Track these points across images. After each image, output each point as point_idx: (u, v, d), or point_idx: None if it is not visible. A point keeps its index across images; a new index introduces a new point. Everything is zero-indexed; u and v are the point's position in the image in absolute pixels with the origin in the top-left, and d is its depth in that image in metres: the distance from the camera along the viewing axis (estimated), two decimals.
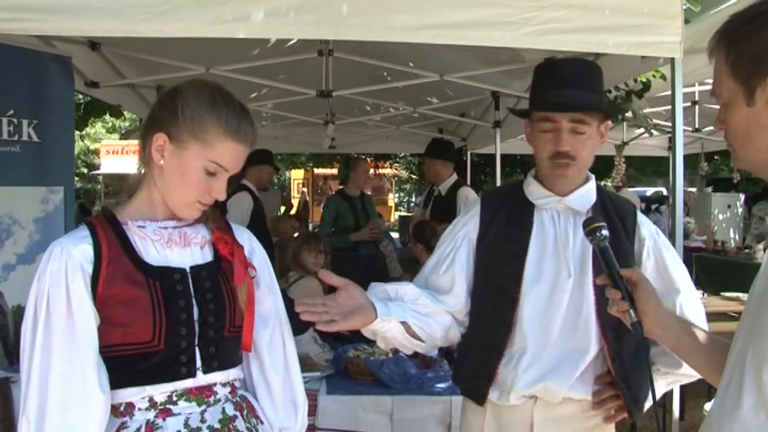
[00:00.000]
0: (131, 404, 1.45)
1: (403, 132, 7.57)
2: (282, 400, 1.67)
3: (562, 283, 1.84)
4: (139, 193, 1.55)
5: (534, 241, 1.87)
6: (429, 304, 1.86)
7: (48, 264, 1.40)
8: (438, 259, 1.95)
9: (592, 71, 1.88)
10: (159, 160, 1.49)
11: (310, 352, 3.45)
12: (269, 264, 1.72)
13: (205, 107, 1.46)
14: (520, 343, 1.83)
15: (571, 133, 1.79)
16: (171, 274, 1.48)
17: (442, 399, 2.72)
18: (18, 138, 3.13)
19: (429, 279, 1.94)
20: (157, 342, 1.42)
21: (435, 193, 5.34)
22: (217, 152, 1.46)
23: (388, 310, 1.74)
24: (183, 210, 1.52)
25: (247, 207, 5.19)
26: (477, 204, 1.99)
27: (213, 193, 1.49)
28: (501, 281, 1.87)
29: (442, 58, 4.44)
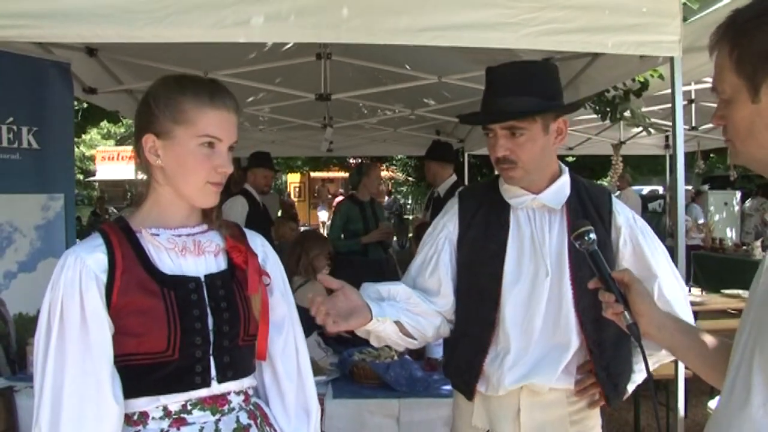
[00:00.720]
0: (145, 413, 1.44)
1: (400, 134, 7.56)
2: (295, 407, 1.66)
3: (540, 282, 1.87)
4: (147, 201, 1.54)
5: (511, 241, 1.90)
6: (420, 303, 1.90)
7: (62, 273, 1.40)
8: (423, 260, 1.99)
9: (529, 73, 1.90)
10: (156, 161, 1.49)
11: (314, 356, 3.45)
12: (282, 270, 1.71)
13: (174, 91, 1.48)
14: (503, 343, 1.87)
15: (508, 137, 1.82)
16: (185, 283, 1.47)
17: (449, 401, 2.69)
18: (18, 145, 3.12)
19: (416, 281, 1.97)
20: (171, 351, 1.41)
21: (434, 195, 5.35)
22: (202, 125, 1.46)
23: (382, 310, 1.80)
24: (199, 198, 1.51)
25: (239, 211, 5.16)
26: (455, 204, 2.01)
27: (219, 169, 1.48)
28: (482, 281, 1.90)
29: (440, 60, 4.44)
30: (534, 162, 1.85)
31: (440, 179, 5.25)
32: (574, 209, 1.90)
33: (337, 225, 5.66)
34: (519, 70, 1.92)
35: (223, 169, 1.49)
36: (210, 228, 1.59)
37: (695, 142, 8.13)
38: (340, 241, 5.47)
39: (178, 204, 1.53)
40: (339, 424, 2.68)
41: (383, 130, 7.46)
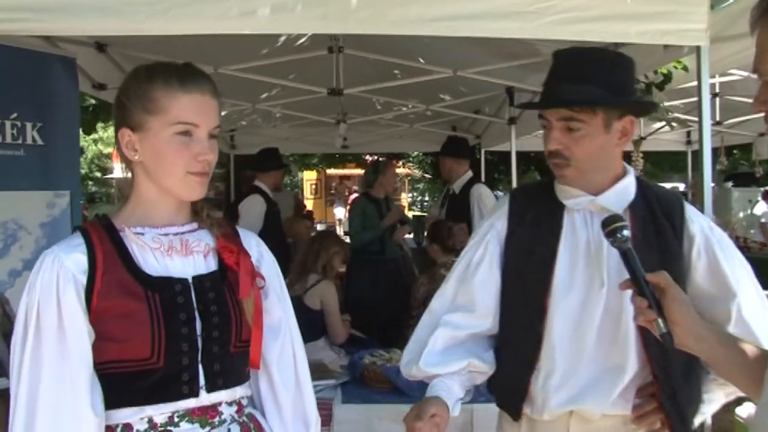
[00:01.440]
0: (129, 425, 1.35)
1: (416, 130, 7.45)
2: (292, 418, 1.56)
3: (594, 293, 1.67)
4: (131, 199, 1.45)
5: (564, 246, 1.72)
6: (484, 368, 1.80)
7: (39, 275, 1.31)
8: (465, 268, 1.82)
9: (596, 60, 1.71)
10: (134, 156, 1.40)
11: (324, 358, 3.36)
12: (279, 271, 1.61)
13: (143, 80, 1.39)
14: (549, 360, 1.69)
15: (563, 131, 1.65)
16: (171, 285, 1.38)
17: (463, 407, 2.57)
18: (22, 141, 3.05)
19: (458, 293, 1.82)
20: (156, 359, 1.32)
21: (450, 192, 5.24)
22: (175, 112, 1.36)
23: (455, 398, 1.75)
24: (182, 191, 1.41)
25: (259, 210, 5.10)
26: (505, 202, 1.85)
27: (199, 157, 1.38)
28: (528, 289, 1.73)
29: (455, 53, 4.33)
30: (589, 161, 1.67)
31: (456, 175, 5.14)
32: (639, 215, 1.70)
33: (357, 223, 5.56)
34: (585, 56, 1.74)
35: (203, 157, 1.38)
36: (200, 226, 1.49)
37: (719, 137, 7.94)
38: (361, 234, 5.39)
39: (163, 201, 1.43)
40: (348, 429, 2.59)
41: (398, 126, 7.35)
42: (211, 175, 1.43)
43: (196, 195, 1.43)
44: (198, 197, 1.44)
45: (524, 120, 5.42)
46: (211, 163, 1.41)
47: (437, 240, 4.25)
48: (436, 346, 1.78)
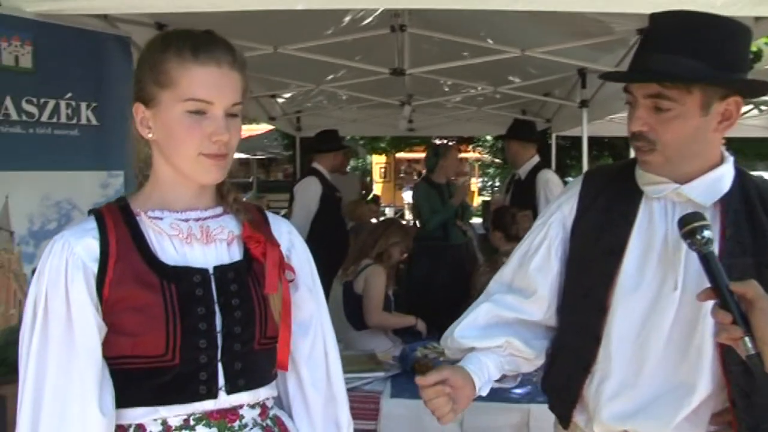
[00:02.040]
0: (142, 426, 1.25)
1: (484, 113, 7.24)
2: (323, 421, 1.44)
3: (665, 296, 1.45)
4: (150, 179, 1.34)
5: (636, 237, 1.49)
6: (526, 351, 1.64)
7: (47, 261, 1.21)
8: (526, 251, 1.65)
9: (699, 27, 1.42)
10: (147, 133, 1.28)
11: (377, 347, 3.25)
12: (311, 262, 1.48)
13: (157, 50, 1.26)
14: (604, 364, 1.49)
15: (650, 110, 1.42)
16: (190, 276, 1.26)
17: (520, 407, 2.45)
18: (77, 121, 3.03)
19: (515, 276, 1.66)
20: (171, 356, 1.21)
21: (515, 177, 5.04)
22: (186, 87, 1.23)
23: (486, 376, 1.59)
24: (196, 174, 1.28)
25: (314, 192, 5.01)
26: (577, 183, 1.64)
27: (213, 137, 1.24)
28: (590, 281, 1.53)
29: (523, 32, 4.13)
30: (678, 147, 1.43)
31: (521, 160, 4.94)
32: (732, 210, 1.45)
33: (426, 206, 5.41)
34: (687, 20, 1.44)
35: (217, 138, 1.24)
36: (225, 211, 1.37)
37: None
38: (434, 217, 5.28)
39: (181, 183, 1.31)
40: (396, 426, 2.47)
41: (466, 108, 7.16)
42: (232, 156, 1.30)
43: (211, 179, 1.30)
44: (213, 181, 1.31)
45: (597, 103, 5.16)
46: (229, 144, 1.27)
47: (500, 227, 4.08)
48: (478, 321, 1.65)
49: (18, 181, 2.88)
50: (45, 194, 2.92)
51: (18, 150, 2.89)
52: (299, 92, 6.52)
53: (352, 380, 2.63)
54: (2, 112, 2.85)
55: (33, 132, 2.93)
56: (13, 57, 2.88)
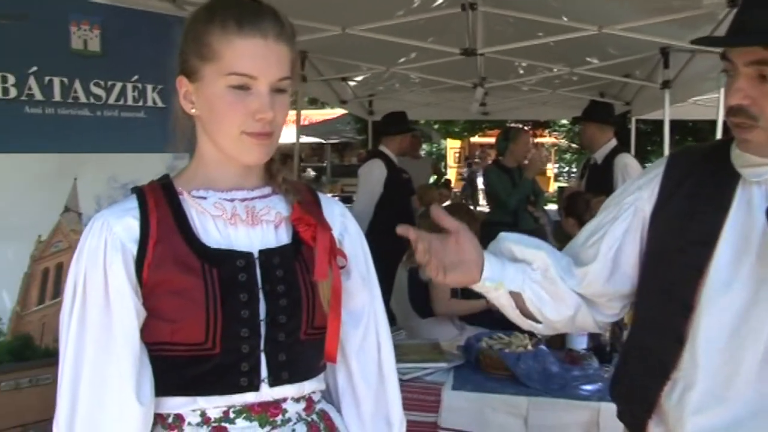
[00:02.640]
0: (180, 416, 1.19)
1: (560, 96, 7.01)
2: (373, 417, 1.35)
3: (765, 297, 1.24)
4: (194, 157, 1.27)
5: (731, 227, 1.29)
6: (556, 281, 1.43)
7: (86, 241, 1.16)
8: (596, 226, 1.48)
9: None
10: (190, 109, 1.21)
11: (443, 335, 3.16)
12: (366, 248, 1.39)
13: (201, 20, 1.18)
14: (689, 371, 1.29)
15: (753, 80, 1.21)
16: (233, 260, 1.18)
17: (589, 405, 2.32)
18: (143, 103, 3.05)
19: (579, 249, 1.50)
20: (211, 344, 1.14)
21: (591, 162, 4.83)
22: (228, 60, 1.14)
23: (500, 273, 1.39)
24: (238, 153, 1.20)
25: (378, 175, 4.92)
26: (660, 165, 1.44)
27: (257, 115, 1.15)
28: (673, 275, 1.33)
29: (601, 8, 3.92)
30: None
31: (597, 144, 4.73)
32: None
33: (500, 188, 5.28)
34: None
35: (261, 115, 1.15)
36: (274, 192, 1.29)
37: None
38: (510, 197, 5.17)
39: (226, 162, 1.23)
40: (457, 419, 2.37)
41: (542, 91, 6.95)
42: (278, 135, 1.22)
43: (254, 159, 1.22)
44: (255, 162, 1.23)
45: (681, 84, 4.88)
46: (274, 122, 1.18)
47: (573, 213, 3.91)
48: (530, 237, 1.51)
49: (86, 163, 2.92)
50: (111, 176, 2.95)
51: (86, 132, 2.93)
52: (371, 75, 6.45)
53: (413, 370, 2.55)
54: (71, 95, 2.89)
55: (100, 114, 2.96)
56: (82, 41, 2.92)
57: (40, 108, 2.82)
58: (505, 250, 1.46)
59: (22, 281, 2.80)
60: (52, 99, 2.84)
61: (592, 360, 2.60)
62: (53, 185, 2.88)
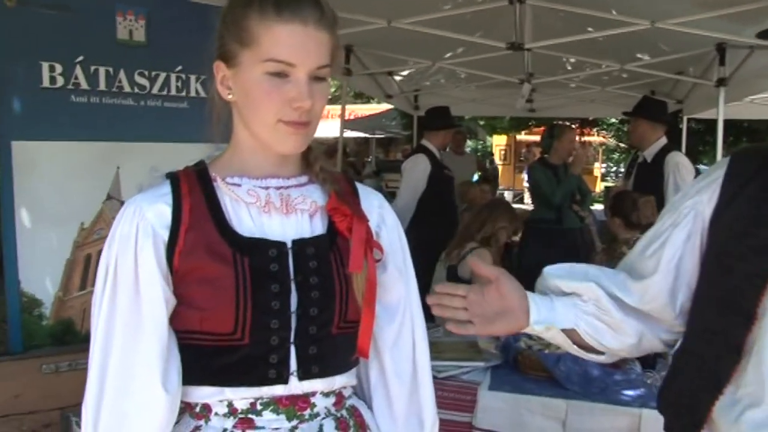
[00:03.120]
0: (208, 407, 1.18)
1: (609, 94, 6.87)
2: (405, 415, 1.31)
3: None
4: (230, 143, 1.26)
5: None
6: (611, 311, 1.35)
7: (118, 226, 1.15)
8: (652, 235, 1.38)
9: None
10: (227, 95, 1.19)
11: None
12: (404, 240, 1.35)
13: (240, 4, 1.14)
14: (752, 387, 1.18)
15: None
16: (265, 249, 1.15)
17: (630, 411, 2.24)
18: (186, 94, 3.08)
19: (635, 260, 1.40)
20: (240, 334, 1.12)
21: (639, 160, 4.70)
22: (267, 46, 1.11)
23: (549, 316, 1.32)
24: (274, 142, 1.17)
25: (422, 170, 4.87)
26: (722, 166, 1.34)
27: (294, 103, 1.12)
28: (734, 283, 1.24)
29: (654, 2, 3.80)
30: None
31: (647, 142, 4.58)
32: None
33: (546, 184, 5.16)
34: None
35: (298, 104, 1.11)
36: (310, 181, 1.26)
37: None
38: (556, 192, 5.08)
39: (261, 149, 1.20)
40: (493, 420, 2.32)
41: (590, 88, 6.82)
42: (316, 124, 1.19)
43: (289, 148, 1.18)
44: (291, 151, 1.20)
45: (737, 82, 4.72)
46: (312, 111, 1.14)
47: (620, 213, 3.80)
48: (573, 267, 1.42)
49: (129, 152, 2.95)
50: (153, 165, 2.97)
51: (129, 121, 2.96)
52: (417, 70, 6.41)
53: (449, 368, 2.51)
54: (116, 84, 2.92)
55: (144, 104, 2.99)
56: (127, 31, 2.95)
57: (85, 97, 2.86)
58: (551, 287, 1.39)
59: (64, 267, 2.85)
60: (97, 88, 2.87)
61: (635, 364, 2.52)
62: (96, 173, 2.92)
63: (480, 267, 1.32)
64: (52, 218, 2.83)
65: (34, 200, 2.78)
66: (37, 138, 2.77)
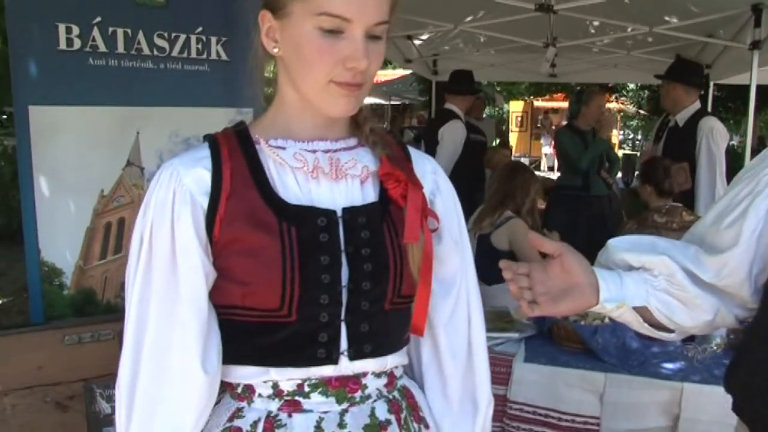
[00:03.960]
0: (251, 387, 1.10)
1: (634, 58, 6.69)
2: (459, 396, 1.23)
3: None
4: (274, 102, 1.15)
5: None
6: (686, 286, 1.26)
7: (153, 192, 1.06)
8: (728, 203, 1.28)
9: None
10: (273, 48, 1.08)
11: (511, 304, 3.03)
12: (459, 209, 1.25)
13: None
14: None
15: None
16: (313, 218, 1.06)
17: (670, 384, 2.16)
18: (206, 56, 2.98)
19: (708, 230, 1.30)
20: (287, 311, 1.03)
21: (670, 124, 4.55)
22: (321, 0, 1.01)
23: (619, 292, 1.23)
24: (324, 103, 1.07)
25: (460, 137, 4.78)
26: None
27: (348, 62, 1.02)
28: None
29: None
30: None
31: (681, 106, 4.42)
32: None
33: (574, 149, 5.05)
34: None
35: (353, 64, 1.01)
36: (360, 144, 1.16)
37: None
38: (583, 157, 4.97)
39: (309, 109, 1.10)
40: (528, 392, 2.25)
41: (614, 53, 6.65)
42: (369, 86, 1.09)
43: (340, 111, 1.08)
44: (341, 114, 1.09)
45: None
46: (367, 72, 1.04)
47: (651, 180, 3.67)
48: (641, 239, 1.33)
49: (149, 117, 2.88)
50: (174, 130, 2.90)
51: (149, 85, 2.88)
52: (436, 34, 6.27)
53: None
54: (135, 46, 2.83)
55: (164, 67, 2.90)
56: None
57: (103, 60, 2.78)
58: (618, 261, 1.30)
59: (84, 236, 2.79)
60: (115, 51, 2.78)
61: None
62: (116, 139, 2.84)
63: (542, 243, 1.23)
64: (71, 186, 2.77)
65: (53, 167, 2.72)
66: (54, 103, 2.70)
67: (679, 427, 2.13)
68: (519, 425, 2.26)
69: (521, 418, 2.26)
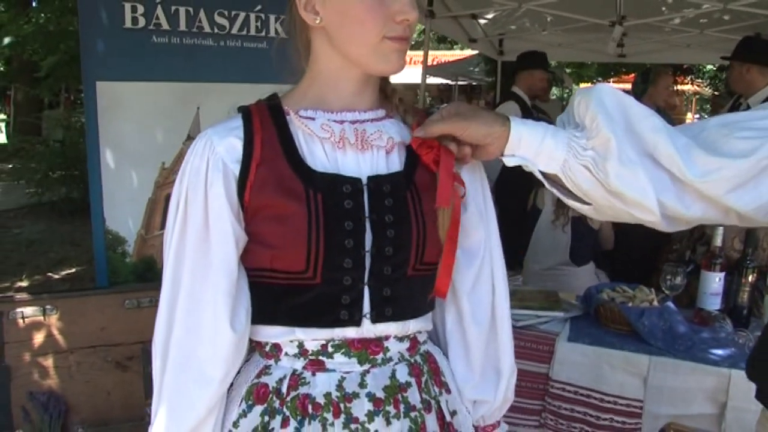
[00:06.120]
0: (278, 346, 1.16)
1: (707, 38, 6.41)
2: (482, 364, 1.26)
3: None
4: (307, 74, 1.19)
5: None
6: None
7: (189, 160, 1.12)
8: (746, 118, 1.12)
9: None
10: (314, 21, 1.11)
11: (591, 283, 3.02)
12: (485, 180, 1.28)
13: None
14: None
15: None
16: (339, 185, 1.10)
17: (718, 371, 2.11)
18: (265, 34, 3.06)
19: (710, 131, 1.13)
20: (311, 273, 1.08)
21: (742, 107, 4.38)
22: None
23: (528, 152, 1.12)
24: (377, 62, 1.11)
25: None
26: None
27: (398, 17, 1.07)
28: None
29: None
30: None
31: (754, 88, 4.21)
32: None
33: None
34: None
35: (403, 17, 1.06)
36: (388, 115, 1.20)
37: None
38: None
39: (344, 77, 1.15)
40: (570, 372, 2.24)
41: (686, 32, 6.39)
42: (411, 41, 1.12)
43: (393, 67, 1.12)
44: (396, 70, 1.13)
45: None
46: (413, 24, 1.09)
47: None
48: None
49: (209, 93, 2.97)
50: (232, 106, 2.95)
51: (209, 62, 2.97)
52: (501, 13, 6.18)
53: (527, 317, 2.44)
54: (196, 24, 2.91)
55: (224, 44, 2.99)
56: None
57: (166, 37, 2.87)
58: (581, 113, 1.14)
59: (146, 206, 2.91)
60: (177, 28, 2.88)
61: (726, 323, 2.37)
62: (177, 114, 2.95)
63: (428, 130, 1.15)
64: (135, 158, 2.89)
65: (118, 140, 2.84)
66: (119, 78, 2.82)
67: (726, 415, 2.08)
68: (560, 404, 2.26)
69: (563, 397, 2.25)
